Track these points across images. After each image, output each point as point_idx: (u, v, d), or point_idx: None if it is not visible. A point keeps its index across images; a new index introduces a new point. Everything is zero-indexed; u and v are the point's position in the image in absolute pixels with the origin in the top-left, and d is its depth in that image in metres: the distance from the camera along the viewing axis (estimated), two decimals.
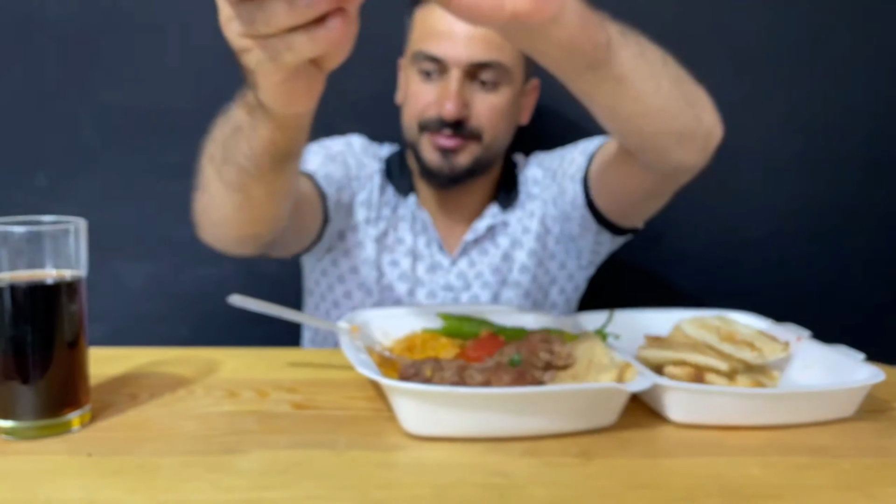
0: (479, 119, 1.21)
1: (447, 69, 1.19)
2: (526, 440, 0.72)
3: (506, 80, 1.22)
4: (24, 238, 0.70)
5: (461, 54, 1.18)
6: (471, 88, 1.21)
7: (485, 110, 1.21)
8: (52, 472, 0.64)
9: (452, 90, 1.18)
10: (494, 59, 1.19)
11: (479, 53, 1.18)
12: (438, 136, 1.21)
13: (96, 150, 1.53)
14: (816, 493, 0.65)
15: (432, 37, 1.20)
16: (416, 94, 1.24)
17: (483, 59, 1.18)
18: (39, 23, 1.49)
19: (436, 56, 1.19)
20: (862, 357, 0.85)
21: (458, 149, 1.22)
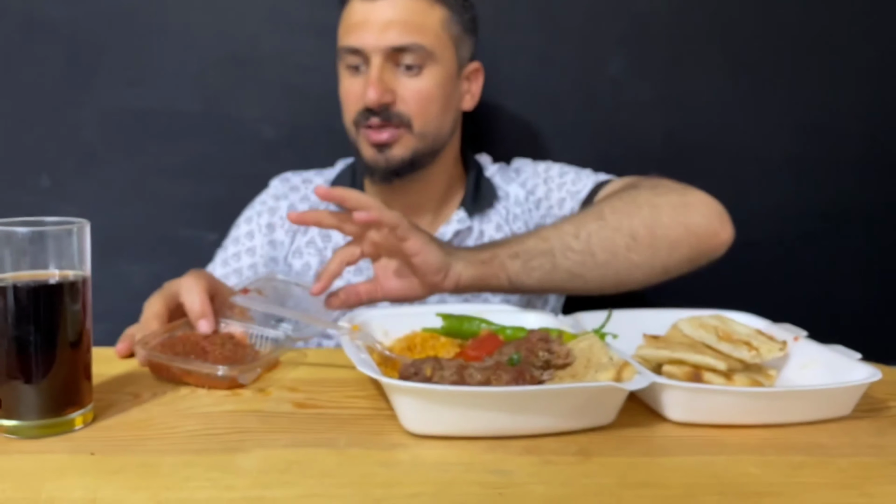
0: (405, 104, 1.20)
1: (368, 59, 1.18)
2: (525, 438, 0.73)
3: (430, 63, 1.20)
4: (27, 238, 0.70)
5: (378, 40, 1.17)
6: (394, 74, 1.19)
7: (410, 95, 1.20)
8: (54, 471, 0.65)
9: (372, 76, 1.17)
10: (412, 42, 1.18)
11: (395, 38, 1.17)
12: (370, 130, 1.20)
13: (99, 152, 1.53)
14: (814, 491, 0.65)
15: (350, 29, 1.20)
16: (346, 91, 1.23)
17: (400, 43, 1.17)
18: (42, 25, 1.50)
19: (354, 47, 1.19)
20: (858, 356, 0.85)
21: (391, 141, 1.21)
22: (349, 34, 1.20)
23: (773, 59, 1.61)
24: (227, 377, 0.84)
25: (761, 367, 0.88)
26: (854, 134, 1.64)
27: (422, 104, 1.21)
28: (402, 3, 1.18)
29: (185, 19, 1.52)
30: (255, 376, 0.87)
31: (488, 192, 1.34)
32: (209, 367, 0.85)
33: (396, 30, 1.17)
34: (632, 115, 1.60)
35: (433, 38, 1.20)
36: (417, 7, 1.19)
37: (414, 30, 1.18)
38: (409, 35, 1.18)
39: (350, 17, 1.21)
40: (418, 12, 1.19)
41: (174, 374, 0.86)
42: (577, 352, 0.83)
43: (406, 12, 1.18)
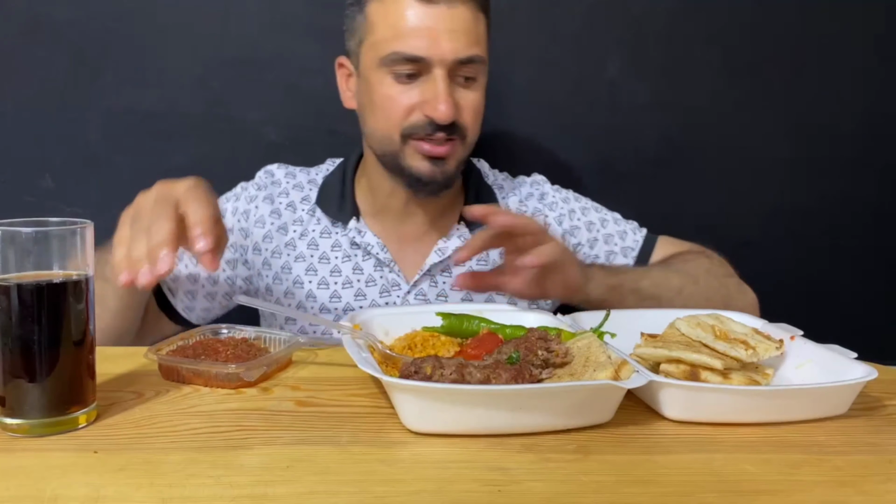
0: (464, 118, 1.16)
1: (429, 69, 1.11)
2: (524, 436, 0.73)
3: (482, 73, 1.17)
4: (31, 239, 0.71)
5: (446, 51, 1.10)
6: (454, 86, 1.14)
7: (469, 108, 1.16)
8: (58, 469, 0.65)
9: (442, 91, 1.11)
10: (476, 54, 1.13)
11: (463, 49, 1.11)
12: (426, 142, 1.14)
13: (102, 153, 1.54)
14: (810, 489, 0.66)
15: (408, 35, 1.10)
16: (393, 100, 1.14)
17: (469, 55, 1.12)
18: (46, 27, 1.50)
19: (418, 56, 1.10)
20: (854, 356, 0.86)
21: (449, 154, 1.16)
22: (405, 39, 1.11)
23: (770, 61, 1.62)
24: (232, 374, 0.85)
25: (758, 365, 0.89)
26: (850, 135, 1.65)
27: (475, 116, 1.18)
28: (462, 12, 1.12)
29: (187, 22, 1.52)
30: (260, 373, 0.88)
31: (488, 200, 1.31)
32: (216, 366, 0.85)
33: (463, 41, 1.11)
34: (629, 117, 1.61)
35: (485, 49, 1.17)
36: (472, 16, 1.13)
37: (475, 41, 1.14)
38: (473, 47, 1.13)
39: (402, 18, 1.11)
40: (472, 20, 1.14)
41: (183, 375, 0.87)
42: (575, 350, 0.84)
43: (466, 21, 1.12)
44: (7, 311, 0.70)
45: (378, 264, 1.25)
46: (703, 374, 0.82)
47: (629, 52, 1.60)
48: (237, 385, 0.86)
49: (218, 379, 0.86)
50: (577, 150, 1.61)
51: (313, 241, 1.27)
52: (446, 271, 1.26)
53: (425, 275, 1.25)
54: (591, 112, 1.61)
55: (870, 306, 1.69)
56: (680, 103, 1.62)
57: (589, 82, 1.60)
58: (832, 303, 1.68)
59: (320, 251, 1.26)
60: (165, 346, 0.91)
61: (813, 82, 1.63)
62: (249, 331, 0.97)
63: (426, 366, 0.76)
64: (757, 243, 1.66)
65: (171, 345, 0.92)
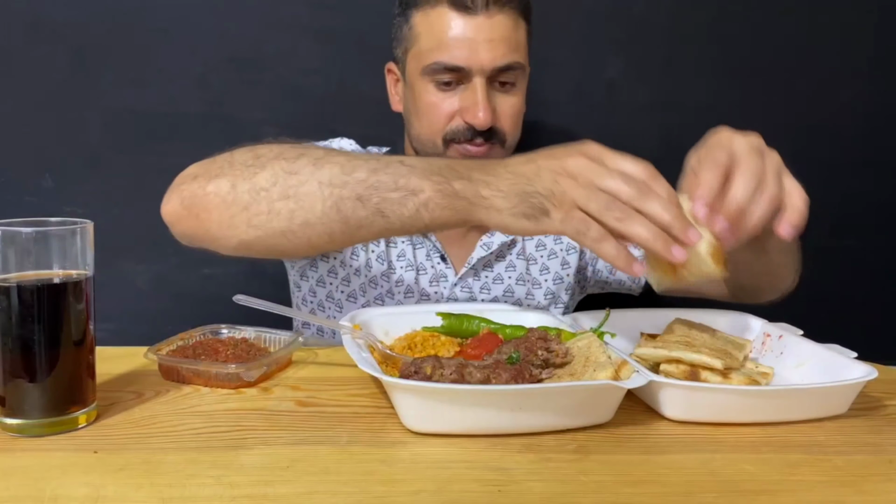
0: (503, 123, 1.18)
1: (469, 77, 1.15)
2: (524, 436, 0.73)
3: (521, 78, 1.20)
4: (31, 239, 0.71)
5: (485, 61, 1.13)
6: (491, 92, 1.17)
7: (507, 113, 1.19)
8: (58, 469, 0.65)
9: (481, 99, 1.14)
10: (515, 61, 1.16)
11: (502, 57, 1.14)
12: (468, 145, 1.17)
13: (103, 153, 1.54)
14: (810, 489, 0.66)
15: (449, 45, 1.14)
16: (436, 106, 1.18)
17: (507, 63, 1.15)
18: (46, 26, 1.50)
19: (458, 66, 1.14)
20: (854, 355, 0.86)
21: (488, 156, 1.18)
22: (446, 50, 1.14)
23: (770, 61, 1.62)
24: (232, 374, 0.85)
25: (758, 365, 0.89)
26: (851, 134, 1.65)
27: (514, 120, 1.20)
28: (501, 20, 1.15)
29: (187, 21, 1.52)
30: (259, 373, 0.88)
31: None
32: (216, 366, 0.86)
33: (502, 49, 1.14)
34: (629, 117, 1.61)
35: (524, 54, 1.19)
36: (511, 24, 1.16)
37: (514, 48, 1.16)
38: (511, 54, 1.15)
39: (444, 29, 1.14)
40: (512, 28, 1.16)
41: (183, 375, 0.87)
42: (575, 350, 0.84)
43: (505, 30, 1.15)
44: (7, 311, 0.70)
45: (428, 254, 1.27)
46: (703, 374, 0.82)
47: (629, 52, 1.60)
48: (237, 385, 0.86)
49: (218, 379, 0.86)
50: None
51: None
52: (488, 266, 1.28)
53: (470, 269, 1.27)
54: (591, 112, 1.61)
55: (870, 306, 1.69)
56: (680, 103, 1.62)
57: (589, 82, 1.60)
58: (832, 303, 1.68)
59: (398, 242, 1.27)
60: (165, 346, 0.91)
61: (813, 82, 1.63)
62: (249, 331, 0.98)
63: (426, 366, 0.77)
64: None
65: (171, 345, 0.92)
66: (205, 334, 0.96)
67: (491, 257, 1.28)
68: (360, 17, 1.53)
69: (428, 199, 0.84)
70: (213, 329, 0.98)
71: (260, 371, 0.88)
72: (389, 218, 0.86)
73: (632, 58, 1.60)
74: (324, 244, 0.90)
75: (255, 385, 0.87)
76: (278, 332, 0.97)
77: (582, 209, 0.78)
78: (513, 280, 1.28)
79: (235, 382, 0.86)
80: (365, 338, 0.90)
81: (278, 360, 0.92)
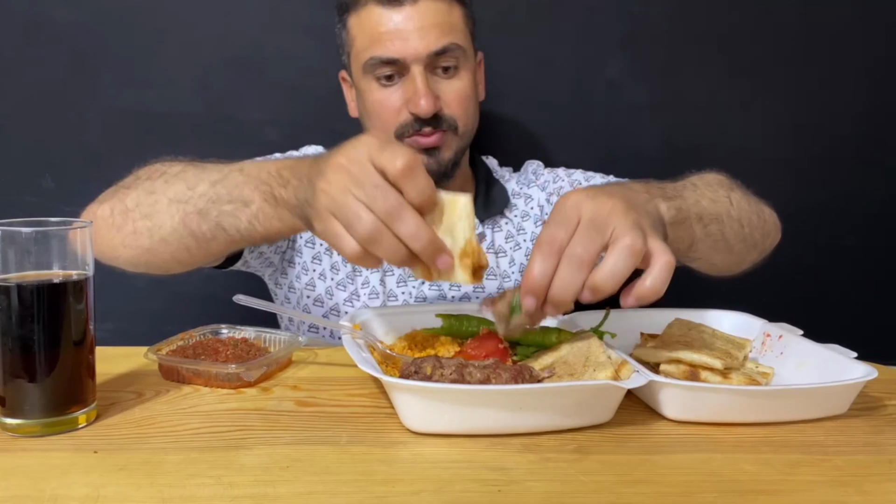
0: (450, 108, 1.18)
1: (407, 68, 1.15)
2: (524, 436, 0.73)
3: (463, 61, 1.19)
4: (31, 239, 0.71)
5: (419, 48, 1.14)
6: (433, 79, 1.17)
7: (453, 97, 1.18)
8: (58, 469, 0.65)
9: (421, 87, 1.14)
10: (450, 43, 1.15)
11: (435, 42, 1.14)
12: (418, 136, 1.17)
13: (102, 153, 1.54)
14: (810, 489, 0.66)
15: (380, 39, 1.15)
16: (381, 103, 1.18)
17: (440, 47, 1.15)
18: (46, 26, 1.50)
19: (392, 58, 1.14)
20: (854, 355, 0.86)
21: (440, 145, 1.19)
22: (379, 44, 1.15)
23: (770, 61, 1.62)
24: (232, 374, 0.85)
25: (758, 365, 0.89)
26: (850, 135, 1.65)
27: (463, 105, 1.19)
28: (429, 7, 1.15)
29: (187, 22, 1.52)
30: (260, 373, 0.88)
31: (499, 196, 1.32)
32: (216, 366, 0.86)
33: (434, 35, 1.14)
34: (629, 118, 1.61)
35: (462, 36, 1.19)
36: (442, 7, 1.16)
37: (448, 31, 1.16)
38: (445, 37, 1.15)
39: (374, 25, 1.16)
40: (444, 12, 1.17)
41: (183, 375, 0.88)
42: (575, 350, 0.84)
43: (436, 14, 1.15)
44: (7, 312, 0.70)
45: None
46: (703, 374, 0.82)
47: (629, 52, 1.60)
48: (237, 385, 0.86)
49: (218, 379, 0.86)
50: (577, 150, 1.61)
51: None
52: None
53: None
54: (591, 112, 1.61)
55: (870, 306, 1.69)
56: (680, 103, 1.62)
57: (589, 82, 1.60)
58: (832, 303, 1.68)
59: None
60: (165, 346, 0.91)
61: (813, 82, 1.63)
62: (249, 331, 0.98)
63: (426, 366, 0.77)
64: None
65: (171, 345, 0.92)
66: (205, 334, 0.96)
67: None
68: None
69: (258, 209, 0.84)
70: (214, 329, 0.98)
71: (260, 371, 0.88)
72: (229, 231, 0.87)
73: (632, 58, 1.60)
74: (186, 259, 0.94)
75: (255, 385, 0.87)
76: (278, 332, 0.98)
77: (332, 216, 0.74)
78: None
79: (235, 382, 0.86)
80: (365, 338, 0.90)
81: (278, 360, 0.92)
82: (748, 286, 1.49)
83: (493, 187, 1.34)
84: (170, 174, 0.94)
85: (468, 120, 1.22)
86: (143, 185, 0.95)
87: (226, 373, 0.85)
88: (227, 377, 0.86)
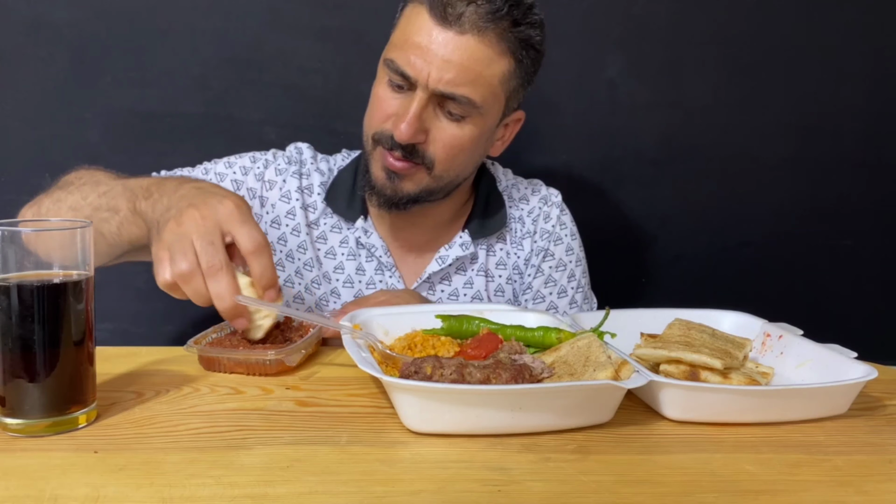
0: (434, 148, 1.12)
1: (414, 88, 1.09)
2: (524, 436, 0.73)
3: (475, 115, 1.12)
4: (31, 239, 0.71)
5: (430, 78, 1.07)
6: (434, 114, 1.11)
7: (443, 141, 1.12)
8: (58, 469, 0.65)
9: (411, 113, 1.08)
10: (463, 95, 1.08)
11: (448, 83, 1.07)
12: (388, 154, 1.13)
13: (103, 152, 1.54)
14: (810, 489, 0.66)
15: (407, 48, 1.09)
16: (380, 100, 1.14)
17: (450, 92, 1.08)
18: (47, 26, 1.50)
19: (405, 72, 1.09)
20: (854, 355, 0.86)
21: (405, 173, 1.13)
22: (404, 51, 1.09)
23: (769, 61, 1.62)
24: (274, 361, 0.88)
25: (758, 365, 0.89)
26: (850, 134, 1.65)
27: (451, 152, 1.13)
28: (470, 44, 1.07)
29: (187, 22, 1.52)
30: (300, 358, 0.92)
31: (497, 213, 1.28)
32: (257, 354, 0.88)
33: (452, 74, 1.07)
34: (629, 117, 1.61)
35: (486, 92, 1.10)
36: (483, 54, 1.08)
37: (469, 80, 1.08)
38: (463, 85, 1.07)
39: (414, 30, 1.09)
40: (482, 60, 1.08)
41: (224, 365, 0.90)
42: (575, 350, 0.84)
43: (469, 56, 1.07)
44: (7, 311, 0.70)
45: (380, 267, 1.25)
46: (703, 374, 0.82)
47: (629, 52, 1.60)
48: (278, 371, 0.89)
49: (260, 366, 0.89)
50: (577, 150, 1.61)
51: (323, 234, 1.26)
52: (445, 280, 1.26)
53: (424, 282, 1.25)
54: (591, 112, 1.61)
55: (870, 306, 1.70)
56: (680, 103, 1.62)
57: (589, 82, 1.60)
58: (832, 303, 1.68)
59: (328, 245, 1.26)
60: (203, 339, 0.93)
61: (813, 82, 1.63)
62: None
63: (426, 366, 0.77)
64: (757, 243, 1.66)
65: (207, 337, 0.94)
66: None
67: (449, 270, 1.25)
68: (360, 17, 1.54)
69: (123, 217, 0.98)
70: None
71: (299, 355, 0.91)
72: (105, 236, 1.00)
73: (632, 58, 1.60)
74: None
75: (297, 370, 0.90)
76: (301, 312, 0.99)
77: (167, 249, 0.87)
78: (468, 297, 1.26)
79: (276, 368, 0.89)
80: (365, 338, 0.90)
81: (314, 342, 0.95)
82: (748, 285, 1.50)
83: (491, 207, 1.29)
84: (76, 185, 1.06)
85: (451, 168, 1.15)
86: (55, 193, 1.07)
87: (266, 359, 0.88)
88: (268, 364, 0.88)
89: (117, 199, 0.99)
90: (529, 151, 1.57)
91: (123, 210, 0.98)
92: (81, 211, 1.02)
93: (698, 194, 1.65)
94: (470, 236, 1.26)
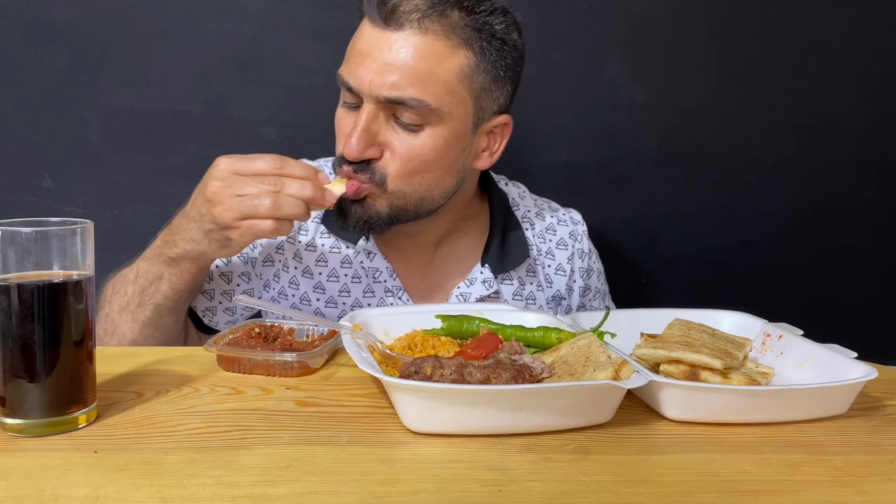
0: (388, 163, 1.01)
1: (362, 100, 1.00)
2: (524, 436, 0.73)
3: (434, 120, 1.00)
4: (31, 239, 0.71)
5: (372, 85, 0.97)
6: (389, 126, 1.01)
7: (399, 153, 1.01)
8: (58, 469, 0.65)
9: (358, 125, 0.98)
10: (411, 97, 0.97)
11: (390, 87, 0.97)
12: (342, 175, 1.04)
13: (102, 153, 1.54)
14: (810, 489, 0.66)
15: (351, 58, 1.01)
16: (339, 123, 1.06)
17: (395, 96, 0.97)
18: (46, 26, 1.50)
19: (348, 84, 1.00)
20: (854, 355, 0.86)
21: (359, 197, 1.03)
22: (348, 64, 1.02)
23: (769, 61, 1.62)
24: (297, 363, 0.88)
25: (758, 365, 0.89)
26: (849, 135, 1.65)
27: (409, 164, 1.01)
28: (411, 41, 0.96)
29: (187, 21, 1.52)
30: (323, 361, 0.92)
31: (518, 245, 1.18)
32: (281, 355, 0.88)
33: (396, 76, 0.96)
34: (629, 117, 1.61)
35: (441, 92, 0.98)
36: (430, 49, 0.97)
37: (417, 80, 0.97)
38: (409, 86, 0.97)
39: (355, 39, 1.02)
40: (429, 56, 0.97)
41: (244, 365, 0.90)
42: (575, 350, 0.84)
43: (413, 54, 0.96)
44: (7, 311, 0.70)
45: (387, 291, 1.17)
46: (703, 374, 0.82)
47: (629, 52, 1.60)
48: (299, 373, 0.89)
49: (281, 368, 0.89)
50: (577, 150, 1.61)
51: (322, 256, 1.17)
52: None
53: None
54: (591, 112, 1.61)
55: (870, 306, 1.70)
56: (680, 103, 1.62)
57: (589, 82, 1.60)
58: (832, 303, 1.68)
59: (329, 268, 1.17)
60: (221, 340, 0.93)
61: (813, 82, 1.63)
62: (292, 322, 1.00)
63: (426, 366, 0.77)
64: (757, 243, 1.66)
65: (225, 338, 0.94)
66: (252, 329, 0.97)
67: None
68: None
69: (168, 276, 1.03)
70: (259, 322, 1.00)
71: (323, 358, 0.92)
72: (163, 304, 1.04)
73: (632, 58, 1.60)
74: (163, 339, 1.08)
75: (317, 372, 0.91)
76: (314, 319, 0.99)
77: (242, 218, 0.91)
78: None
79: (297, 370, 0.89)
80: (365, 338, 0.90)
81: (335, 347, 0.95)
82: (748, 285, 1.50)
83: (509, 226, 1.19)
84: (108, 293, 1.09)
85: (411, 183, 1.03)
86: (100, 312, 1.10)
87: (287, 361, 0.88)
88: (290, 366, 0.88)
89: (149, 271, 1.03)
90: (529, 151, 1.57)
91: (164, 272, 1.02)
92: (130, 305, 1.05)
93: (698, 194, 1.65)
94: (492, 272, 1.17)
